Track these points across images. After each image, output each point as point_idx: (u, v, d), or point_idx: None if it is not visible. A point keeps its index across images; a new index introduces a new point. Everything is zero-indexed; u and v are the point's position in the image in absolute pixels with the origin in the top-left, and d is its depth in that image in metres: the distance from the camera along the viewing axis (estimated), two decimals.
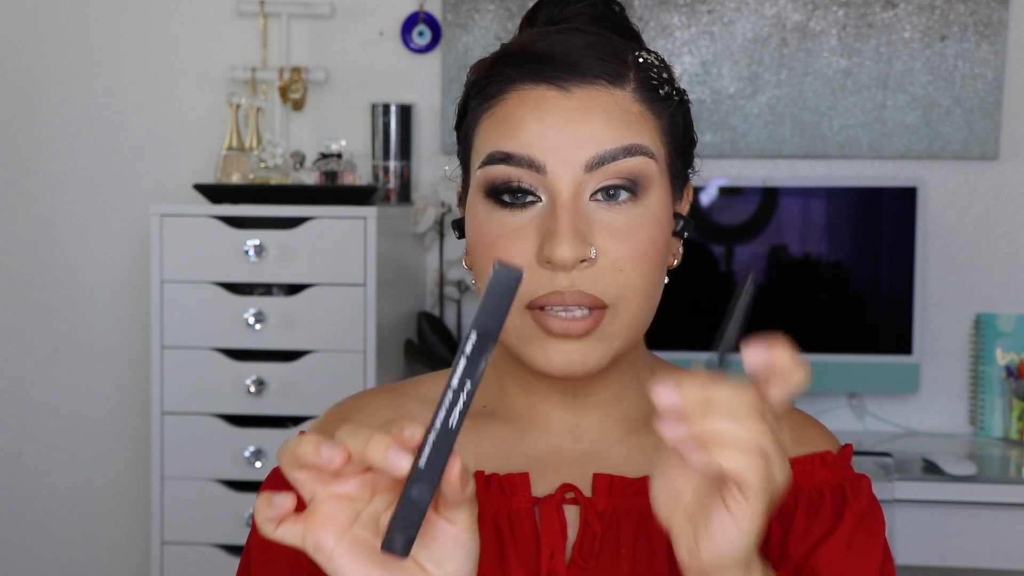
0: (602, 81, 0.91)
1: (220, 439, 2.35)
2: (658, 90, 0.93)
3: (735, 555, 0.74)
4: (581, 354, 0.90)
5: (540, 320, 0.89)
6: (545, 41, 0.94)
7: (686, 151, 0.98)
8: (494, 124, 0.92)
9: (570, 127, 0.89)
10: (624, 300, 0.90)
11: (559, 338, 0.89)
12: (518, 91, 0.92)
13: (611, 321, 0.90)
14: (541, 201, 0.90)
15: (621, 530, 0.94)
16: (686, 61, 2.73)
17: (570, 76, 0.91)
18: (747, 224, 2.59)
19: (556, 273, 0.88)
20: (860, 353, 2.57)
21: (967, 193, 2.71)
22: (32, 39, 2.84)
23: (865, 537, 0.96)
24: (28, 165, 2.86)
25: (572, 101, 0.90)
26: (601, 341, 0.90)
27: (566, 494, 0.95)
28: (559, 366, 0.90)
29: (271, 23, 2.78)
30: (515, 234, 0.90)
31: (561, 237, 0.87)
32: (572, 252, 0.87)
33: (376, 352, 2.33)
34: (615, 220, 0.90)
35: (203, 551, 2.37)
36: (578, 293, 0.88)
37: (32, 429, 2.88)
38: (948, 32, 2.67)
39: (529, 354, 0.91)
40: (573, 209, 0.89)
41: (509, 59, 0.94)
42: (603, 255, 0.89)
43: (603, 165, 0.89)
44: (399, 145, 2.67)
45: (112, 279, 2.84)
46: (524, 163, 0.90)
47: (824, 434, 1.02)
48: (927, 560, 2.30)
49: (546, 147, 0.89)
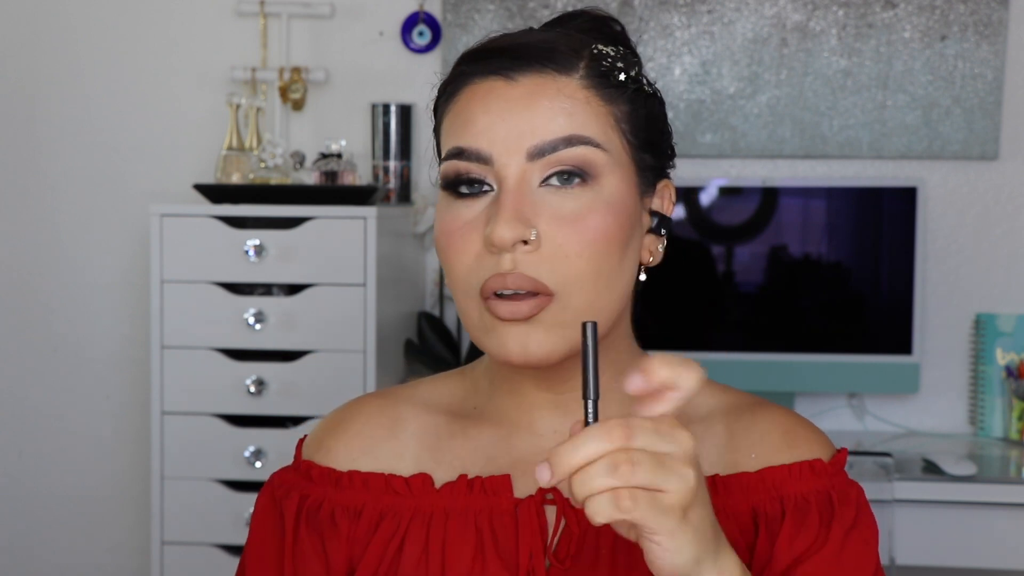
0: (548, 69, 0.92)
1: (220, 439, 2.35)
2: (608, 76, 0.94)
3: (679, 567, 0.76)
4: (535, 340, 0.90)
5: (492, 308, 0.91)
6: (505, 37, 0.96)
7: (656, 145, 0.97)
8: (451, 121, 0.95)
9: (513, 116, 0.91)
10: (571, 288, 0.90)
11: (508, 323, 0.90)
12: (471, 85, 0.94)
13: (561, 309, 0.90)
14: (493, 190, 0.92)
15: (601, 530, 0.94)
16: (686, 61, 2.73)
17: (516, 65, 0.92)
18: (747, 224, 2.59)
19: (502, 257, 0.90)
20: (860, 353, 2.57)
21: (967, 193, 2.71)
22: (32, 39, 2.84)
23: (855, 550, 0.95)
24: (28, 165, 2.86)
25: (517, 90, 0.92)
26: (553, 328, 0.90)
27: (546, 495, 0.95)
28: (516, 353, 0.91)
29: (271, 23, 2.78)
30: (468, 225, 0.92)
31: (500, 218, 0.89)
32: (510, 232, 0.88)
33: (376, 352, 2.33)
34: (564, 205, 0.91)
35: (203, 551, 2.37)
36: (519, 276, 0.89)
37: (32, 429, 2.88)
38: (948, 32, 2.67)
39: (488, 344, 0.92)
40: (517, 193, 0.90)
41: (469, 56, 0.96)
42: (549, 241, 0.90)
43: (544, 156, 0.91)
44: (399, 145, 2.67)
45: (112, 279, 2.84)
46: (473, 157, 0.92)
47: (817, 438, 1.01)
48: (927, 560, 2.30)
49: (492, 138, 0.91)
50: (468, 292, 0.92)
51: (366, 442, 1.01)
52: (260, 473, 2.34)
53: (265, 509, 1.01)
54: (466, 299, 0.93)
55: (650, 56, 2.72)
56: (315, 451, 1.03)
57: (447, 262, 0.94)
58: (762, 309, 2.58)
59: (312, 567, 0.97)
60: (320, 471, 1.00)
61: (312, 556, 0.97)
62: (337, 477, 0.99)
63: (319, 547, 0.97)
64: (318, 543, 0.98)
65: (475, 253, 0.91)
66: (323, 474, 1.00)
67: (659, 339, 2.65)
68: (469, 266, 0.92)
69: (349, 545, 0.97)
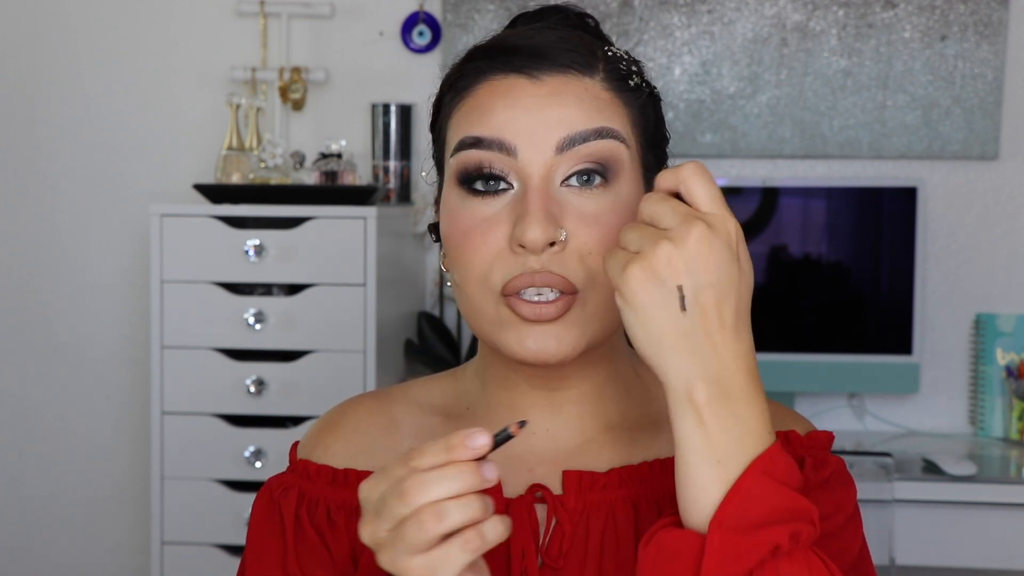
0: (572, 70, 0.92)
1: (220, 439, 2.35)
2: (627, 80, 0.94)
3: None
4: (554, 339, 0.90)
5: (513, 306, 0.90)
6: (515, 35, 0.96)
7: (659, 146, 0.98)
8: (465, 114, 0.93)
9: (540, 111, 0.90)
10: (592, 285, 0.90)
11: (532, 323, 0.90)
12: (489, 81, 0.93)
13: (582, 307, 0.90)
14: (513, 188, 0.91)
15: (590, 526, 0.94)
16: (686, 61, 2.73)
17: (540, 64, 0.92)
18: (747, 224, 2.59)
19: (528, 257, 0.89)
20: (860, 353, 2.57)
21: (967, 193, 2.71)
22: (32, 39, 2.84)
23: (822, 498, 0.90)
24: (28, 165, 2.86)
25: (542, 88, 0.91)
26: (573, 326, 0.90)
27: (536, 493, 0.95)
28: (533, 352, 0.90)
29: (271, 23, 2.78)
30: (488, 222, 0.91)
31: (532, 219, 0.88)
32: (543, 234, 0.88)
33: (376, 352, 2.33)
34: (585, 205, 0.90)
35: (203, 551, 2.37)
36: (548, 274, 0.89)
37: (32, 429, 2.88)
38: (948, 32, 2.67)
39: (504, 340, 0.91)
40: (544, 192, 0.89)
41: (480, 53, 0.95)
42: (574, 239, 0.90)
43: (574, 146, 0.90)
44: (399, 145, 2.67)
45: (112, 279, 2.84)
46: (495, 146, 0.90)
47: (795, 417, 1.01)
48: (927, 560, 2.30)
49: (517, 130, 0.90)
50: (485, 288, 0.91)
51: (363, 441, 1.01)
52: (260, 473, 2.34)
53: (263, 511, 1.01)
54: (480, 293, 0.91)
55: (650, 56, 2.72)
56: (311, 450, 1.03)
57: (462, 259, 0.92)
58: (762, 309, 2.57)
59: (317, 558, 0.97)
60: (317, 469, 1.00)
61: (315, 548, 0.97)
62: (334, 475, 0.99)
63: (321, 542, 0.98)
64: (320, 538, 0.98)
65: (496, 250, 0.90)
66: (320, 472, 1.00)
67: None
68: (489, 263, 0.90)
69: (350, 538, 0.97)
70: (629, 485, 0.95)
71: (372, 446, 1.01)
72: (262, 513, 1.01)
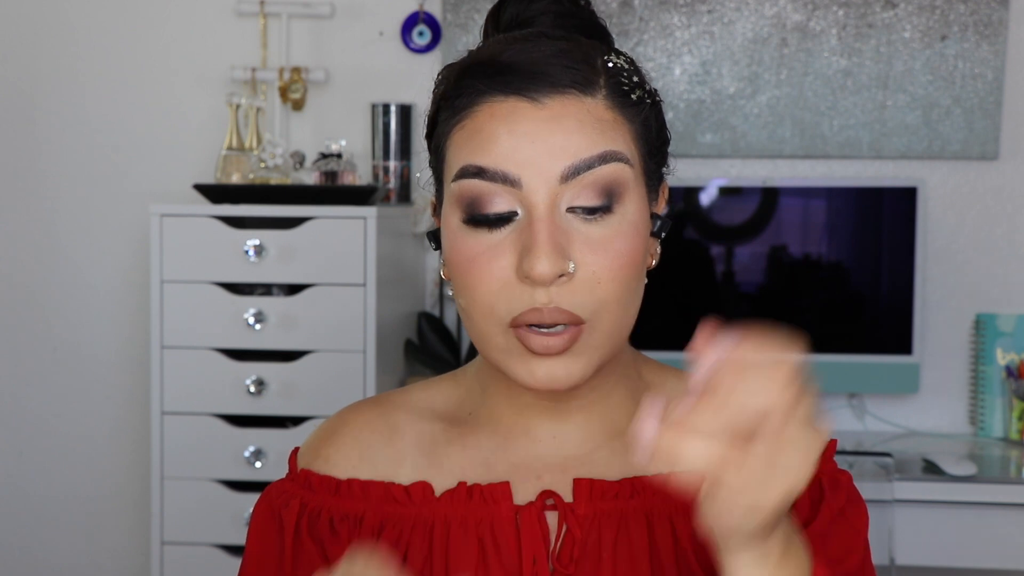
0: (573, 90, 0.90)
1: (220, 439, 2.35)
2: (630, 95, 0.92)
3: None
4: (564, 369, 0.89)
5: (522, 338, 0.89)
6: (512, 49, 0.92)
7: (660, 151, 0.97)
8: (466, 137, 0.91)
9: (543, 138, 0.88)
10: (601, 314, 0.89)
11: (541, 356, 0.89)
12: (488, 104, 0.90)
13: (589, 334, 0.89)
14: (518, 214, 0.89)
15: (602, 534, 0.94)
16: (686, 61, 2.73)
17: (540, 87, 0.89)
18: (747, 224, 2.59)
19: (535, 289, 0.88)
20: (860, 353, 2.57)
21: (967, 193, 2.71)
22: (32, 39, 2.84)
23: (842, 533, 0.95)
24: (28, 165, 2.86)
25: (544, 112, 0.89)
26: (581, 355, 0.90)
27: (546, 500, 0.95)
28: (543, 381, 0.90)
29: (271, 23, 2.78)
30: (492, 251, 0.89)
31: (539, 251, 0.86)
32: (551, 267, 0.86)
33: (376, 352, 2.33)
34: (592, 232, 0.89)
35: (203, 551, 2.37)
36: (556, 310, 0.88)
37: (32, 429, 2.88)
38: (948, 32, 2.67)
39: (513, 369, 0.91)
40: (550, 222, 0.88)
41: (477, 70, 0.92)
42: (582, 268, 0.88)
43: (578, 175, 0.88)
44: (399, 145, 2.67)
45: (112, 279, 2.84)
46: (498, 178, 0.88)
47: None
48: (927, 560, 2.30)
49: (520, 160, 0.88)
50: (492, 318, 0.90)
51: (363, 450, 1.00)
52: (260, 473, 2.34)
53: (263, 520, 1.00)
54: (487, 322, 0.90)
55: (650, 56, 2.72)
56: (312, 460, 1.02)
57: (468, 288, 0.90)
58: (762, 309, 2.58)
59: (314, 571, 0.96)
60: (319, 479, 0.99)
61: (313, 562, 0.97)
62: (336, 485, 0.99)
63: (320, 553, 0.97)
64: (319, 549, 0.97)
65: (502, 281, 0.89)
66: (322, 482, 0.99)
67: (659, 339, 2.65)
68: (495, 294, 0.89)
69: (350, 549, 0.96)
70: (641, 496, 0.95)
71: (373, 455, 1.00)
72: (263, 520, 1.00)
